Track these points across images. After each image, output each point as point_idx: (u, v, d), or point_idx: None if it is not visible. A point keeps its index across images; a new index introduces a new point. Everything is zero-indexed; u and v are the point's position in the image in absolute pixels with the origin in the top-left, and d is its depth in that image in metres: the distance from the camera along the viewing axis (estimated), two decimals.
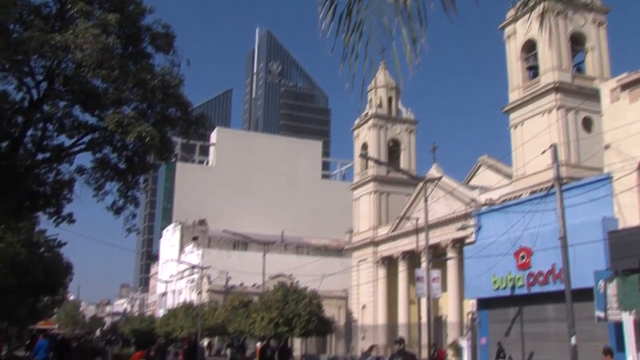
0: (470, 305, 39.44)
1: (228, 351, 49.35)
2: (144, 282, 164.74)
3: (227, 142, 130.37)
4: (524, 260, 28.14)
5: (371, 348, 16.05)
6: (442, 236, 48.46)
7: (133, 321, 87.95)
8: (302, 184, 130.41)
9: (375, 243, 59.64)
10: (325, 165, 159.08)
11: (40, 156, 19.36)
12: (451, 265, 46.38)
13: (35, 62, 16.93)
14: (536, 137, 37.05)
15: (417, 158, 67.56)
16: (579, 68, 43.88)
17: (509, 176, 44.42)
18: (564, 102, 39.96)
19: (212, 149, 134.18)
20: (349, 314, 67.98)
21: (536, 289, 27.65)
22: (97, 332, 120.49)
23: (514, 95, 43.50)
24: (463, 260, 34.50)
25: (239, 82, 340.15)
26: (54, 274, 35.25)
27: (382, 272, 58.50)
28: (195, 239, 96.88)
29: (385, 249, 58.00)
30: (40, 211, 21.08)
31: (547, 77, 40.85)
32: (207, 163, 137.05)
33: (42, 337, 32.55)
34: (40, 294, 38.42)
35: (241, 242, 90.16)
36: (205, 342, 62.54)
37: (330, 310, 57.98)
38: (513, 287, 28.86)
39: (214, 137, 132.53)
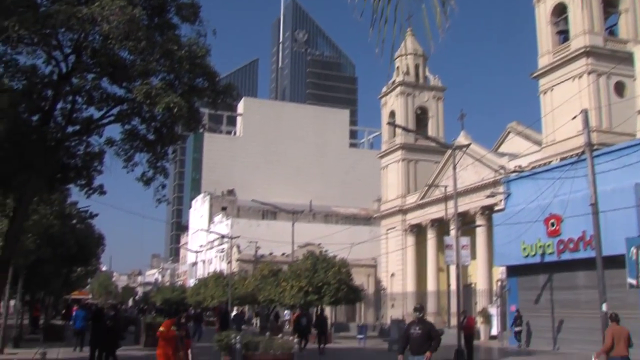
0: (499, 272, 39.43)
1: (257, 320, 49.86)
2: (175, 253, 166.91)
3: (254, 112, 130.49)
4: (554, 227, 27.99)
5: (463, 314, 15.98)
6: (471, 204, 48.27)
7: (164, 291, 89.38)
8: (330, 153, 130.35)
9: (403, 211, 59.61)
10: (353, 134, 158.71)
11: (70, 129, 19.61)
12: (480, 233, 46.25)
13: (62, 35, 17.05)
14: (566, 103, 36.54)
15: (445, 125, 67.13)
16: (611, 31, 42.92)
17: (538, 143, 43.91)
18: (595, 67, 39.21)
19: (239, 119, 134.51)
20: (378, 282, 68.37)
21: (566, 256, 27.54)
22: (130, 302, 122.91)
23: (543, 61, 42.78)
24: (492, 228, 34.40)
25: (265, 52, 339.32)
26: (86, 245, 35.90)
27: (410, 240, 58.56)
28: (224, 209, 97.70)
29: (414, 217, 57.97)
30: (72, 183, 21.39)
31: (578, 41, 40.06)
32: (235, 133, 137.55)
33: (77, 308, 33.42)
34: (73, 265, 39.15)
35: (270, 212, 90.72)
36: (234, 311, 63.49)
37: (359, 278, 58.33)
38: (543, 254, 28.78)
39: (241, 107, 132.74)
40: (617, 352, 14.11)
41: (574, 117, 24.84)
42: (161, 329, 14.11)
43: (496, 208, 40.97)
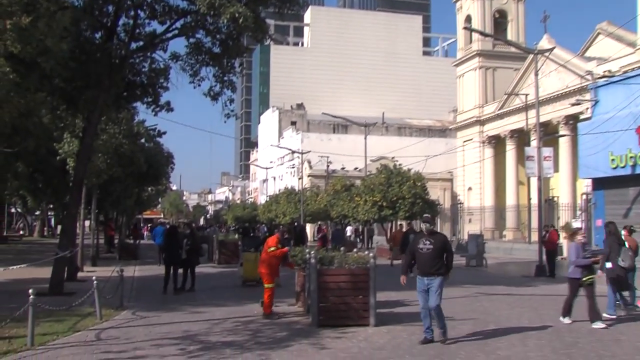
0: (584, 185, 38.47)
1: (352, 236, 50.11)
2: (245, 170, 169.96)
3: (321, 21, 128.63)
4: None
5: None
6: (554, 113, 46.79)
7: (235, 208, 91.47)
8: (403, 62, 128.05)
9: (481, 122, 58.44)
10: (427, 42, 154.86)
11: (134, 45, 19.76)
12: (563, 144, 45.01)
13: None
14: None
15: (526, 29, 64.47)
16: None
17: (632, 45, 41.69)
18: None
19: (306, 30, 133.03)
20: (454, 197, 68.04)
21: None
22: (201, 220, 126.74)
23: None
24: (577, 138, 33.32)
25: None
26: (156, 163, 36.84)
27: (488, 152, 57.60)
28: (293, 123, 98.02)
29: (492, 128, 56.78)
30: (138, 101, 21.77)
31: None
32: (303, 45, 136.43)
33: (147, 228, 34.66)
34: (144, 184, 40.32)
35: (341, 125, 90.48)
36: (308, 227, 64.59)
37: (434, 192, 58.14)
38: (634, 166, 27.78)
39: (307, 16, 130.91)
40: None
41: None
42: (272, 247, 14.35)
43: (582, 117, 39.58)
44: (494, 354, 10.02)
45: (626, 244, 14.70)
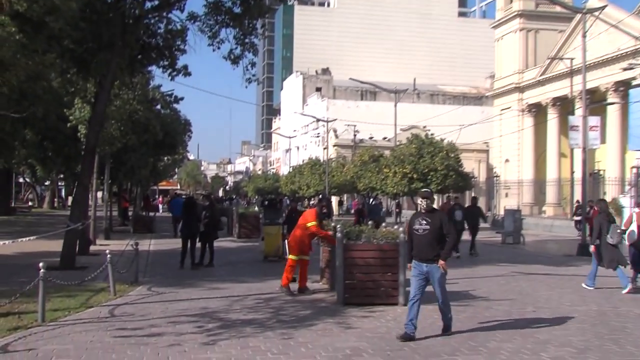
0: (634, 158, 37.97)
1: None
2: (266, 139, 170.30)
3: None
4: None
5: (590, 203, 13.74)
6: (602, 79, 46.03)
7: (256, 180, 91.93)
8: (437, 24, 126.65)
9: (520, 89, 57.75)
10: (462, 2, 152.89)
11: (148, 4, 19.73)
12: (612, 112, 44.35)
13: None
14: None
15: None
16: None
17: None
18: None
19: None
20: (490, 169, 67.59)
21: None
22: (220, 192, 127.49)
23: None
24: (628, 106, 32.81)
25: None
26: (172, 131, 37.01)
27: (528, 121, 56.99)
28: (318, 89, 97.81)
29: (533, 95, 56.08)
30: (154, 64, 21.80)
31: None
32: (329, 5, 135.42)
33: (161, 199, 34.98)
34: (160, 153, 40.55)
35: (369, 92, 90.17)
36: (335, 200, 64.72)
37: (469, 164, 57.82)
38: None
39: None
40: None
41: None
42: (311, 222, 14.32)
43: (634, 83, 38.90)
44: (532, 337, 9.95)
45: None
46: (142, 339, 9.55)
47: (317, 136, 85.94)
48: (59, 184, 76.23)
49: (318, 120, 73.17)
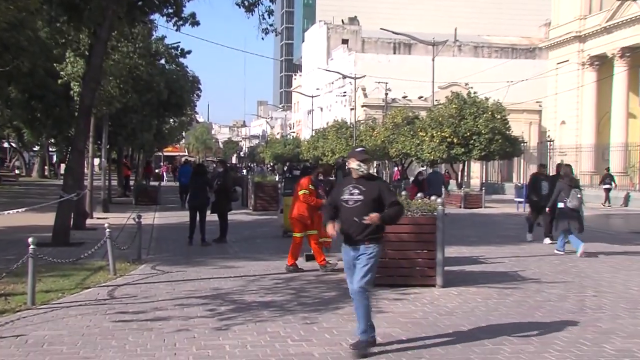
0: None
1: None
2: (285, 99, 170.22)
3: None
4: None
5: None
6: None
7: (274, 145, 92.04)
8: None
9: (581, 38, 56.99)
10: None
11: None
12: None
13: None
14: None
15: None
16: None
17: None
18: None
19: None
20: (543, 132, 67.11)
21: None
22: (233, 158, 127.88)
23: None
24: None
25: None
26: (178, 89, 37.06)
27: (590, 76, 56.35)
28: (345, 42, 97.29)
29: (597, 46, 55.33)
30: (157, 12, 21.73)
31: None
32: None
33: (166, 167, 35.19)
34: (165, 115, 40.66)
35: (403, 44, 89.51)
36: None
37: (518, 127, 57.42)
38: None
39: None
40: None
41: None
42: (304, 190, 14.40)
43: None
44: (592, 326, 9.82)
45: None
46: (146, 323, 9.63)
47: (343, 95, 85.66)
48: (50, 149, 76.51)
49: (344, 77, 72.88)
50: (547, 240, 19.90)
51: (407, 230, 12.51)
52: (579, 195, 17.55)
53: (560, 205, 17.75)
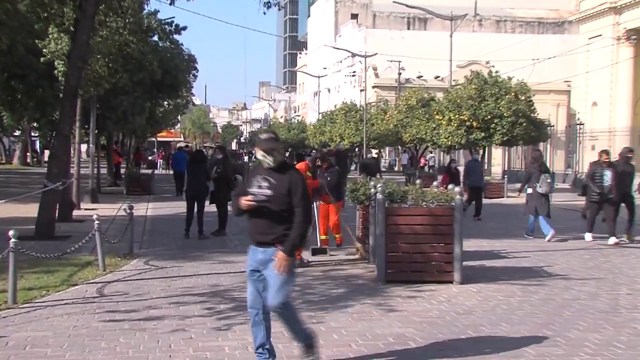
0: None
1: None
2: (290, 79, 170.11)
3: None
4: None
5: None
6: None
7: (278, 129, 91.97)
8: None
9: (617, 9, 56.61)
10: None
11: None
12: None
13: None
14: None
15: None
16: None
17: None
18: None
19: None
20: (571, 115, 66.94)
21: None
22: (233, 144, 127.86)
23: None
24: None
25: None
26: (173, 69, 37.02)
27: (626, 52, 56.05)
28: (354, 16, 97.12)
29: (634, 18, 54.99)
30: None
31: None
32: None
33: (163, 153, 35.27)
34: (158, 96, 40.60)
35: (418, 19, 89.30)
36: (374, 152, 64.63)
37: (544, 109, 57.26)
38: None
39: None
40: None
41: None
42: None
43: None
44: (627, 328, 9.75)
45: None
46: (138, 323, 9.66)
47: (353, 75, 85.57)
48: (33, 134, 76.33)
49: (354, 55, 72.69)
50: (612, 240, 18.16)
51: (422, 222, 12.52)
52: (548, 180, 19.33)
53: (529, 190, 19.65)
